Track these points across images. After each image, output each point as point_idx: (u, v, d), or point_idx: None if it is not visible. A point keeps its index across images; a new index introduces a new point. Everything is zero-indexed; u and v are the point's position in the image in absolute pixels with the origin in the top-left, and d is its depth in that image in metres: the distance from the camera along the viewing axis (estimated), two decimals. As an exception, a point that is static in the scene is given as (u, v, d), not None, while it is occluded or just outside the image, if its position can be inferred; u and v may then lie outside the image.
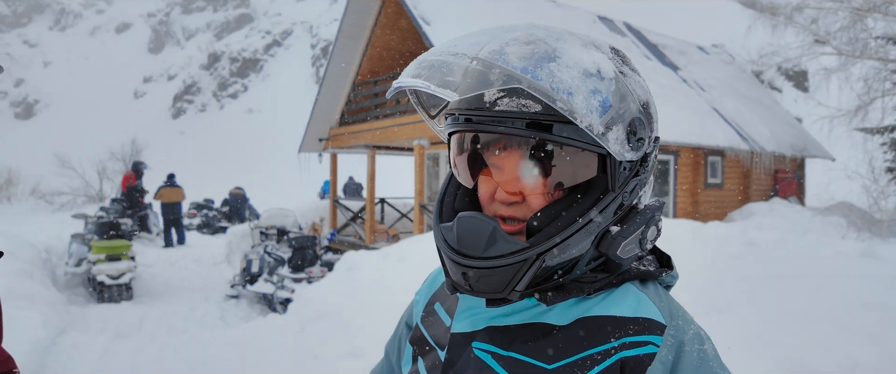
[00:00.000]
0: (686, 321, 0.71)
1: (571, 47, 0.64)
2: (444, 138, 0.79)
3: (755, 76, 16.59)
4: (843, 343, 2.24)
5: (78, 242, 8.22)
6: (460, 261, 0.67)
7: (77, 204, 23.15)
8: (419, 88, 0.60)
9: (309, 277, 7.15)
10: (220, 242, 12.15)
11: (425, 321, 0.86)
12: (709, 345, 0.70)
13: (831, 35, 11.74)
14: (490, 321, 0.74)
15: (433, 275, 0.94)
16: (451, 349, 0.76)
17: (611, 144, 0.62)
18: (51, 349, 4.71)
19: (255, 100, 50.07)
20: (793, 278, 3.10)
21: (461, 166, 0.74)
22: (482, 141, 0.71)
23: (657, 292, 0.74)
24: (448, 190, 0.79)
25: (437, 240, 0.72)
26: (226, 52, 56.08)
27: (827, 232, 7.41)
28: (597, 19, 13.65)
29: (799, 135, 14.30)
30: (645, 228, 0.70)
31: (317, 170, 12.75)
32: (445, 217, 0.75)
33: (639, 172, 0.70)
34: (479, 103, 0.68)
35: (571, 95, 0.59)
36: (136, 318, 6.55)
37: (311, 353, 4.10)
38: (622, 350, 0.66)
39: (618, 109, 0.63)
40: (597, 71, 0.63)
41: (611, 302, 0.71)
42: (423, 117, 0.81)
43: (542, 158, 0.67)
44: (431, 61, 0.62)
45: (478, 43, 0.62)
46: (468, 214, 0.68)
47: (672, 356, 0.66)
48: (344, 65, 11.18)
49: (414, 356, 0.83)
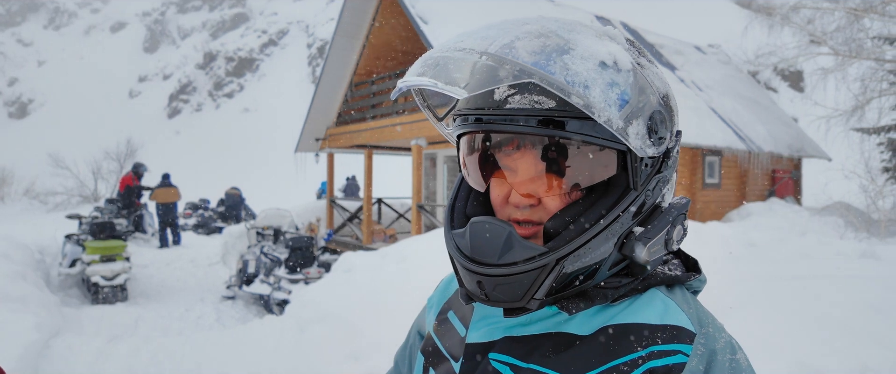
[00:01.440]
0: (717, 328, 0.67)
1: (585, 38, 0.60)
2: (453, 141, 0.75)
3: (752, 76, 16.64)
4: (851, 346, 2.21)
5: (72, 242, 8.15)
6: (474, 269, 0.63)
7: (71, 204, 23.04)
8: (426, 86, 0.56)
9: (306, 278, 7.10)
10: (215, 242, 12.09)
11: (438, 330, 0.81)
12: (741, 355, 0.66)
13: (828, 35, 11.77)
14: (507, 330, 0.70)
15: (446, 281, 0.90)
16: (467, 360, 0.72)
17: (631, 139, 0.58)
18: (44, 351, 4.65)
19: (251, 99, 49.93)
20: (795, 279, 3.08)
21: (472, 169, 0.70)
22: (493, 141, 0.67)
23: (685, 297, 0.70)
24: (459, 194, 0.74)
25: (449, 247, 0.68)
26: (221, 52, 55.91)
27: (825, 232, 7.42)
28: (594, 19, 13.66)
29: (796, 135, 14.34)
30: (670, 228, 0.67)
31: (314, 170, 12.71)
32: (457, 223, 0.71)
33: (661, 169, 0.66)
34: (488, 102, 0.64)
35: (588, 88, 0.55)
36: (131, 319, 6.49)
37: (308, 355, 4.05)
38: (650, 360, 0.62)
39: (637, 102, 0.60)
40: (614, 62, 0.59)
41: (636, 309, 0.67)
42: (430, 120, 0.77)
43: (558, 157, 0.63)
44: (437, 58, 0.59)
45: (487, 37, 0.59)
46: (481, 218, 0.64)
47: (703, 366, 0.62)
48: (341, 64, 11.14)
49: (425, 367, 0.79)
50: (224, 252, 10.63)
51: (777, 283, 3.09)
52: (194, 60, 56.77)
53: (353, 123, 11.14)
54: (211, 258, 10.54)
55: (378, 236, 10.57)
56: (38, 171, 27.01)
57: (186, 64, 57.10)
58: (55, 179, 25.09)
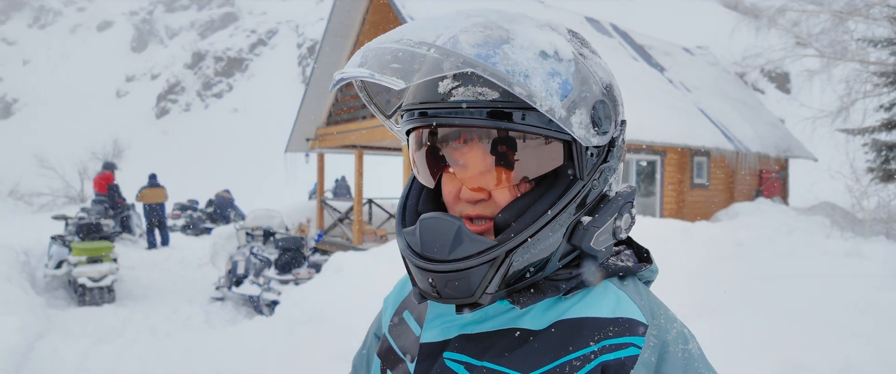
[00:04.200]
0: (668, 319, 0.67)
1: (526, 29, 0.60)
2: (403, 139, 0.74)
3: (739, 78, 16.81)
4: (837, 343, 2.24)
5: (58, 243, 8.05)
6: (425, 266, 0.62)
7: (57, 205, 22.74)
8: (363, 78, 0.55)
9: (296, 278, 7.05)
10: (204, 243, 12.00)
11: (393, 331, 0.81)
12: (693, 344, 0.67)
13: (813, 37, 11.93)
14: (462, 328, 0.70)
15: (402, 281, 0.88)
16: (421, 360, 0.71)
17: (575, 128, 0.59)
18: (28, 354, 4.59)
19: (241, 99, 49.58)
20: (783, 278, 3.11)
21: (420, 165, 0.69)
22: (440, 136, 0.66)
23: (637, 288, 0.70)
24: (411, 193, 0.74)
25: (400, 246, 0.67)
26: (210, 52, 55.47)
27: (812, 231, 7.51)
28: (584, 20, 13.72)
29: (783, 136, 14.50)
30: (617, 216, 0.67)
31: (304, 171, 12.64)
32: (408, 221, 0.71)
33: (607, 158, 0.66)
34: (433, 96, 0.63)
35: (528, 77, 0.55)
36: (118, 321, 6.41)
37: (298, 356, 4.03)
38: (602, 354, 0.63)
39: (580, 91, 0.60)
40: (554, 52, 0.59)
41: (589, 302, 0.67)
42: (378, 117, 0.75)
43: (505, 149, 0.63)
44: (377, 49, 0.58)
45: (427, 28, 0.58)
46: (431, 215, 0.63)
47: (655, 357, 0.63)
48: (332, 64, 11.10)
49: (382, 369, 0.78)
50: (213, 253, 10.53)
51: (763, 282, 3.12)
52: (183, 60, 56.25)
53: (343, 123, 11.11)
54: (200, 259, 10.45)
55: (369, 236, 10.55)
56: (23, 171, 26.63)
57: (175, 64, 56.56)
58: (40, 180, 24.75)
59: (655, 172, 11.12)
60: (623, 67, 11.90)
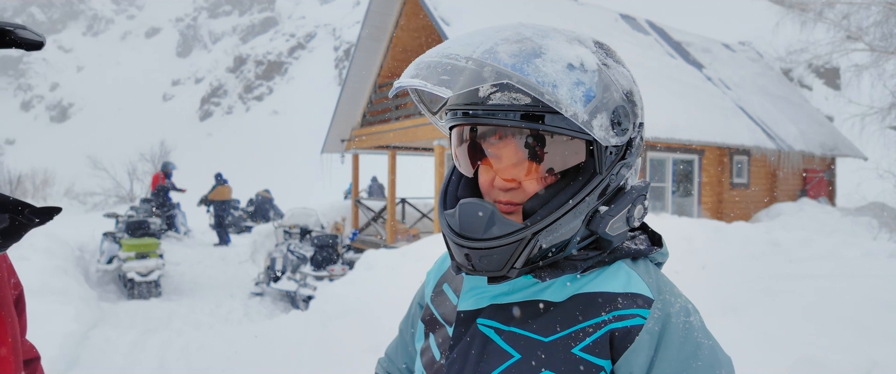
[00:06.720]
0: (674, 295, 0.76)
1: (556, 43, 0.69)
2: (446, 133, 0.85)
3: (784, 74, 16.23)
4: (862, 343, 2.20)
5: (109, 240, 8.48)
6: (463, 243, 0.73)
7: (108, 204, 23.86)
8: (418, 87, 0.65)
9: (330, 275, 7.25)
10: (245, 241, 12.38)
11: (435, 301, 0.92)
12: (695, 317, 0.75)
13: (863, 31, 11.41)
14: (493, 299, 0.80)
15: (442, 258, 1.00)
16: (458, 325, 0.82)
17: (596, 130, 0.68)
18: (83, 342, 4.89)
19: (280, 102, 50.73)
20: (813, 278, 3.04)
21: (461, 157, 0.81)
22: (479, 132, 0.77)
23: (647, 268, 0.79)
24: (451, 180, 0.85)
25: (441, 226, 0.78)
26: (251, 55, 56.96)
27: (857, 233, 7.22)
28: (619, 17, 13.52)
29: (829, 133, 13.93)
30: (631, 206, 0.76)
31: (339, 171, 12.89)
32: (449, 205, 0.81)
33: (625, 156, 0.75)
34: (474, 99, 0.74)
35: (556, 87, 0.65)
36: (164, 314, 6.73)
37: (331, 348, 4.17)
38: (612, 323, 0.72)
39: (601, 98, 0.69)
40: (580, 64, 0.69)
41: (603, 279, 0.77)
42: (425, 114, 0.88)
43: (535, 146, 0.73)
44: (428, 62, 0.68)
45: (471, 44, 0.68)
46: (469, 200, 0.73)
47: (658, 327, 0.72)
48: (366, 66, 11.30)
49: (425, 333, 0.90)
50: (253, 250, 10.89)
51: (792, 281, 3.06)
52: (225, 64, 57.96)
53: (377, 124, 11.29)
54: (240, 256, 10.81)
55: (402, 235, 10.70)
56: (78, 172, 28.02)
57: (217, 68, 58.35)
58: (93, 180, 26.01)
59: (693, 172, 10.86)
60: (659, 64, 11.66)
